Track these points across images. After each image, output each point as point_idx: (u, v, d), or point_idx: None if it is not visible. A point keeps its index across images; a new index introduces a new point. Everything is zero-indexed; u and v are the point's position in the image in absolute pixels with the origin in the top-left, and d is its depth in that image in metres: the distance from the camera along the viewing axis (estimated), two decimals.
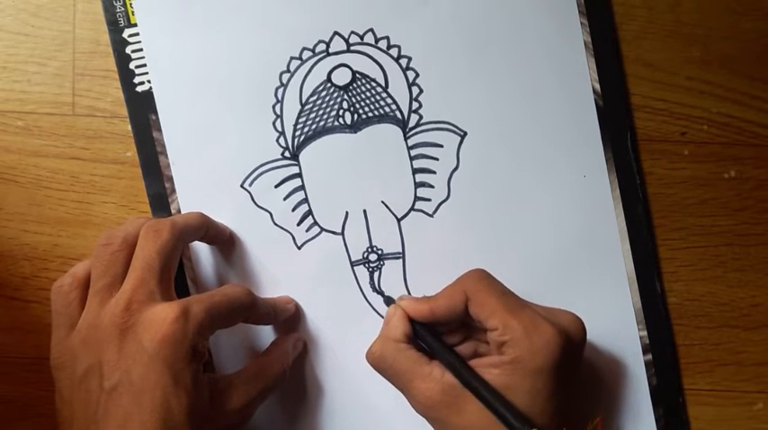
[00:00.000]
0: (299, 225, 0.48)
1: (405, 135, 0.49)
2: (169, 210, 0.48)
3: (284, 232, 0.48)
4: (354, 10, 0.49)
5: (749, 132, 0.50)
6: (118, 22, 0.48)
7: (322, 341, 0.48)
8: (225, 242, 0.48)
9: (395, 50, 0.49)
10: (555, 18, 0.49)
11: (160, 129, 0.48)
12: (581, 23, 0.49)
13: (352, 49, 0.49)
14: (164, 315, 0.39)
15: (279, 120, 0.48)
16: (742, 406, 0.49)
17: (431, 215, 0.49)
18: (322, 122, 0.49)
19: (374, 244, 0.48)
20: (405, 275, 0.48)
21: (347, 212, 0.48)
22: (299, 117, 0.48)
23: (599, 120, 0.49)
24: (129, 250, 0.42)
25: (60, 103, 0.49)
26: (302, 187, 0.48)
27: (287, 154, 0.48)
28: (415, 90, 0.49)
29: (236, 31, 0.48)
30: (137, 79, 0.48)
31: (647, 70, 0.50)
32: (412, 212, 0.49)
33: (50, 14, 0.49)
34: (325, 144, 0.48)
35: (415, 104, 0.49)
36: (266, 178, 0.48)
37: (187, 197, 0.48)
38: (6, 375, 0.48)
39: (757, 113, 0.50)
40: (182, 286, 0.48)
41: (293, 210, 0.48)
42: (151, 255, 0.41)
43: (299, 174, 0.48)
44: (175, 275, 0.43)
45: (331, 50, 0.49)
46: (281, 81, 0.49)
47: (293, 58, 0.49)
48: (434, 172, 0.49)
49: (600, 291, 0.48)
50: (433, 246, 0.48)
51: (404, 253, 0.48)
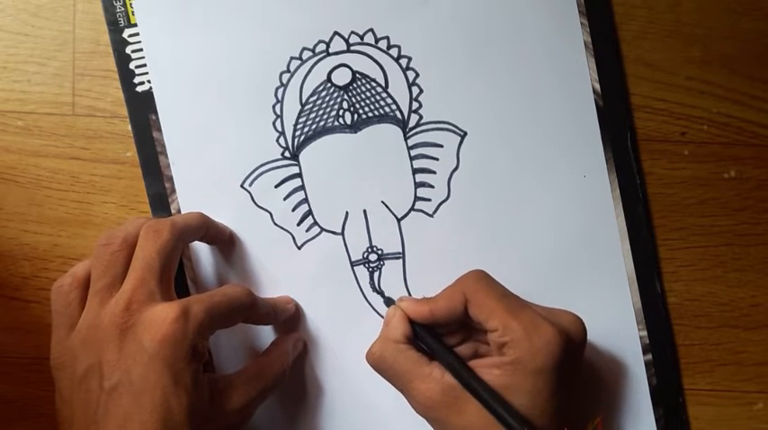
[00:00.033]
0: (299, 225, 0.48)
1: (405, 135, 0.49)
2: (169, 210, 0.48)
3: (284, 232, 0.48)
4: (354, 10, 0.49)
5: (749, 132, 0.50)
6: (118, 22, 0.48)
7: (322, 341, 0.48)
8: (225, 242, 0.48)
9: (395, 50, 0.49)
10: (555, 18, 0.49)
11: (160, 129, 0.48)
12: (581, 23, 0.49)
13: (352, 49, 0.49)
14: (164, 315, 0.39)
15: (279, 120, 0.48)
16: (742, 406, 0.49)
17: (431, 215, 0.49)
18: (322, 122, 0.49)
19: (374, 244, 0.48)
20: (405, 275, 0.48)
21: (347, 212, 0.48)
22: (299, 117, 0.48)
23: (599, 120, 0.49)
24: (129, 250, 0.42)
25: (60, 103, 0.49)
26: (302, 187, 0.48)
27: (287, 154, 0.48)
28: (415, 90, 0.49)
29: (236, 31, 0.48)
30: (137, 79, 0.48)
31: (647, 70, 0.50)
32: (412, 212, 0.49)
33: (50, 14, 0.49)
34: (325, 144, 0.48)
35: (415, 104, 0.49)
36: (266, 178, 0.48)
37: (187, 197, 0.48)
38: (6, 375, 0.48)
39: (757, 113, 0.50)
40: (182, 286, 0.48)
41: (293, 210, 0.48)
42: (151, 255, 0.41)
43: (299, 174, 0.48)
44: (175, 275, 0.43)
45: (331, 50, 0.49)
46: (281, 81, 0.49)
47: (293, 58, 0.49)
48: (434, 172, 0.49)
49: (600, 291, 0.48)
50: (433, 246, 0.48)
51: (404, 253, 0.48)
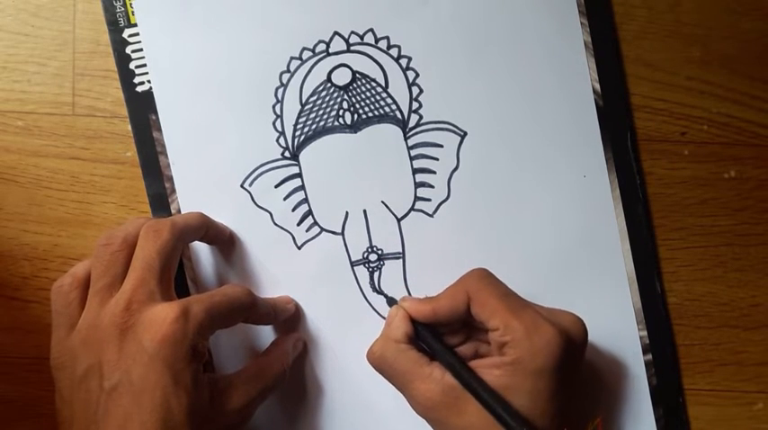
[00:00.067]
0: (299, 225, 0.48)
1: (405, 135, 0.49)
2: (169, 210, 0.48)
3: (284, 232, 0.48)
4: (354, 10, 0.49)
5: (749, 132, 0.50)
6: (118, 22, 0.48)
7: (322, 341, 0.48)
8: (225, 242, 0.48)
9: (395, 50, 0.49)
10: (555, 18, 0.49)
11: (160, 129, 0.48)
12: (581, 23, 0.49)
13: (352, 49, 0.49)
14: (164, 315, 0.39)
15: (279, 120, 0.48)
16: (742, 406, 0.49)
17: (431, 215, 0.49)
18: (322, 122, 0.49)
19: (374, 244, 0.48)
20: (405, 275, 0.48)
21: (347, 212, 0.48)
22: (299, 117, 0.48)
23: (599, 120, 0.49)
24: (129, 250, 0.42)
25: (60, 103, 0.49)
26: (302, 187, 0.48)
27: (287, 154, 0.48)
28: (415, 90, 0.49)
29: (236, 31, 0.48)
30: (137, 79, 0.48)
31: (647, 70, 0.50)
32: (412, 212, 0.49)
33: (50, 14, 0.49)
34: (325, 144, 0.48)
35: (415, 104, 0.49)
36: (266, 178, 0.48)
37: (187, 197, 0.48)
38: (6, 375, 0.48)
39: (757, 113, 0.50)
40: (182, 286, 0.48)
41: (293, 210, 0.48)
42: (151, 255, 0.41)
43: (299, 174, 0.48)
44: (175, 275, 0.43)
45: (331, 50, 0.49)
46: (281, 81, 0.49)
47: (293, 58, 0.49)
48: (434, 172, 0.49)
49: (600, 291, 0.48)
50: (433, 246, 0.48)
51: (404, 253, 0.48)
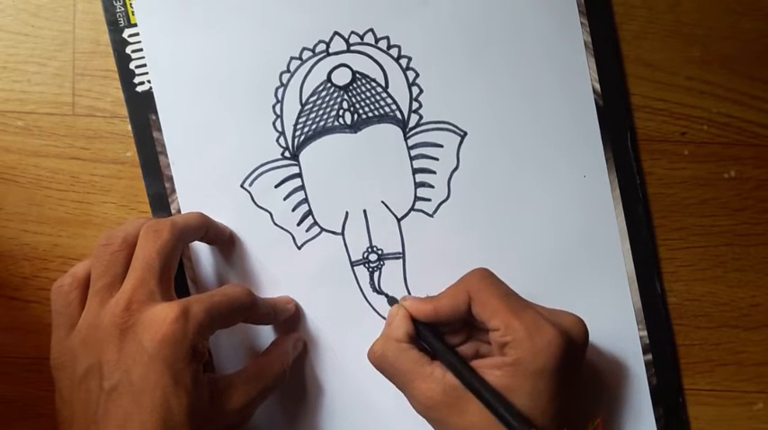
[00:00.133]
0: (299, 225, 0.48)
1: (405, 135, 0.49)
2: (169, 210, 0.48)
3: (284, 232, 0.48)
4: (354, 10, 0.49)
5: (749, 132, 0.50)
6: (118, 22, 0.48)
7: (322, 341, 0.48)
8: (225, 242, 0.48)
9: (395, 50, 0.49)
10: (555, 18, 0.49)
11: (160, 129, 0.48)
12: (581, 23, 0.49)
13: (352, 49, 0.49)
14: (164, 315, 0.39)
15: (279, 120, 0.48)
16: (742, 406, 0.49)
17: (431, 215, 0.49)
18: (322, 122, 0.49)
19: (374, 244, 0.48)
20: (405, 275, 0.48)
21: (347, 212, 0.48)
22: (299, 117, 0.48)
23: (599, 120, 0.49)
24: (129, 250, 0.42)
25: (60, 103, 0.49)
26: (302, 187, 0.48)
27: (287, 154, 0.48)
28: (415, 90, 0.49)
29: (236, 31, 0.48)
30: (137, 79, 0.48)
31: (647, 70, 0.50)
32: (412, 212, 0.49)
33: (50, 14, 0.49)
34: (325, 144, 0.48)
35: (415, 104, 0.49)
36: (266, 178, 0.48)
37: (187, 197, 0.48)
38: (6, 375, 0.48)
39: (757, 113, 0.50)
40: (182, 286, 0.48)
41: (293, 210, 0.48)
42: (151, 255, 0.41)
43: (299, 174, 0.48)
44: (175, 275, 0.43)
45: (331, 50, 0.49)
46: (281, 81, 0.49)
47: (293, 58, 0.49)
48: (434, 172, 0.49)
49: (600, 290, 0.48)
50: (433, 246, 0.48)
51: (404, 253, 0.48)
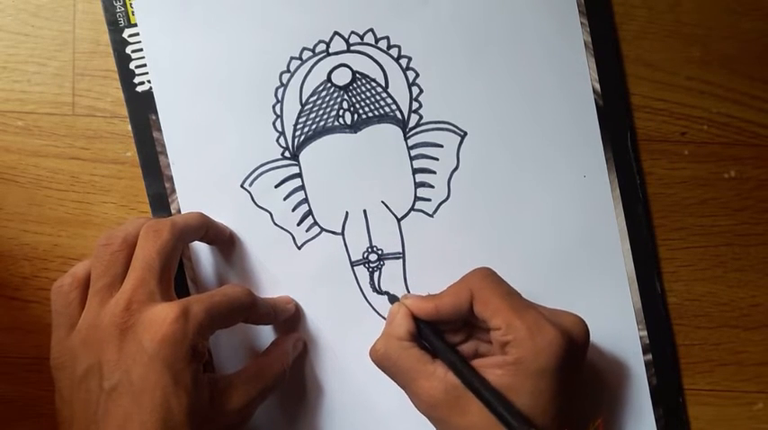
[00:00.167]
0: (299, 225, 0.48)
1: (405, 135, 0.49)
2: (169, 210, 0.48)
3: (284, 232, 0.48)
4: (354, 10, 0.49)
5: (749, 132, 0.50)
6: (118, 22, 0.48)
7: (322, 341, 0.48)
8: (225, 242, 0.48)
9: (395, 50, 0.49)
10: (555, 18, 0.49)
11: (160, 129, 0.48)
12: (581, 23, 0.49)
13: (352, 49, 0.49)
14: (164, 315, 0.39)
15: (279, 120, 0.48)
16: (742, 406, 0.49)
17: (431, 215, 0.49)
18: (322, 122, 0.49)
19: (374, 244, 0.48)
20: (405, 275, 0.48)
21: (347, 212, 0.48)
22: (299, 117, 0.48)
23: (599, 120, 0.49)
24: (129, 250, 0.42)
25: (60, 103, 0.49)
26: (302, 187, 0.48)
27: (287, 154, 0.48)
28: (415, 90, 0.49)
29: (236, 31, 0.48)
30: (137, 79, 0.48)
31: (647, 70, 0.50)
32: (412, 212, 0.49)
33: (50, 14, 0.49)
34: (326, 144, 0.48)
35: (415, 104, 0.49)
36: (266, 178, 0.48)
37: (187, 197, 0.48)
38: (6, 375, 0.48)
39: (757, 113, 0.50)
40: (182, 286, 0.48)
41: (293, 210, 0.48)
42: (151, 255, 0.41)
43: (299, 174, 0.48)
44: (175, 275, 0.43)
45: (331, 50, 0.49)
46: (281, 81, 0.49)
47: (293, 58, 0.49)
48: (434, 172, 0.49)
49: (600, 290, 0.48)
50: (433, 246, 0.48)
51: (404, 253, 0.48)
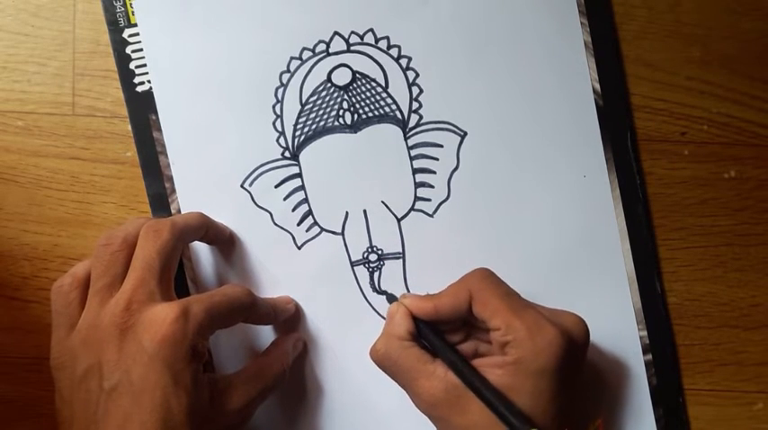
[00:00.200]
0: (299, 225, 0.48)
1: (405, 135, 0.49)
2: (169, 210, 0.48)
3: (284, 232, 0.48)
4: (354, 10, 0.49)
5: (749, 132, 0.50)
6: (118, 22, 0.48)
7: (322, 341, 0.48)
8: (225, 242, 0.48)
9: (395, 50, 0.49)
10: (555, 18, 0.49)
11: (160, 129, 0.48)
12: (581, 23, 0.49)
13: (352, 49, 0.49)
14: (163, 315, 0.39)
15: (279, 120, 0.48)
16: (742, 406, 0.49)
17: (431, 215, 0.49)
18: (322, 122, 0.49)
19: (374, 244, 0.48)
20: (405, 275, 0.48)
21: (347, 212, 0.48)
22: (299, 117, 0.48)
23: (599, 120, 0.49)
24: (129, 250, 0.42)
25: (60, 103, 0.49)
26: (302, 187, 0.48)
27: (287, 154, 0.48)
28: (415, 90, 0.49)
29: (236, 31, 0.48)
30: (137, 79, 0.48)
31: (647, 70, 0.50)
32: (412, 212, 0.49)
33: (50, 14, 0.49)
34: (326, 144, 0.48)
35: (415, 104, 0.49)
36: (266, 178, 0.48)
37: (187, 197, 0.48)
38: (6, 375, 0.48)
39: (757, 113, 0.50)
40: (182, 286, 0.48)
41: (293, 210, 0.48)
42: (151, 255, 0.41)
43: (299, 174, 0.48)
44: (175, 275, 0.43)
45: (331, 50, 0.49)
46: (281, 81, 0.49)
47: (293, 58, 0.49)
48: (434, 172, 0.49)
49: (600, 290, 0.48)
50: (433, 246, 0.48)
51: (404, 253, 0.48)
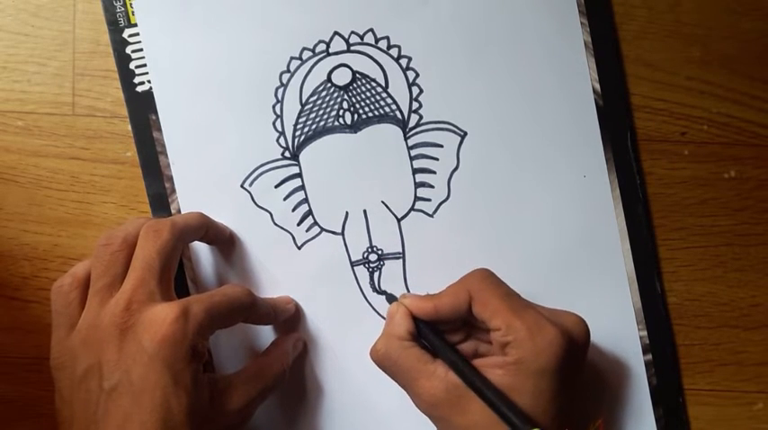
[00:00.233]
0: (299, 225, 0.48)
1: (405, 135, 0.49)
2: (169, 210, 0.48)
3: (284, 232, 0.48)
4: (354, 10, 0.49)
5: (749, 132, 0.50)
6: (118, 22, 0.48)
7: (322, 341, 0.48)
8: (225, 242, 0.48)
9: (395, 50, 0.49)
10: (555, 18, 0.49)
11: (160, 129, 0.48)
12: (581, 23, 0.49)
13: (352, 49, 0.49)
14: (163, 315, 0.39)
15: (279, 120, 0.48)
16: (742, 406, 0.49)
17: (431, 215, 0.49)
18: (322, 122, 0.49)
19: (374, 244, 0.48)
20: (405, 275, 0.48)
21: (347, 212, 0.48)
22: (299, 117, 0.48)
23: (599, 120, 0.49)
24: (129, 250, 0.42)
25: (60, 103, 0.49)
26: (302, 187, 0.48)
27: (287, 154, 0.48)
28: (415, 90, 0.49)
29: (236, 31, 0.48)
30: (137, 79, 0.48)
31: (647, 70, 0.50)
32: (412, 212, 0.49)
33: (50, 14, 0.49)
34: (326, 144, 0.48)
35: (415, 104, 0.49)
36: (266, 178, 0.48)
37: (187, 197, 0.48)
38: (6, 375, 0.48)
39: (757, 113, 0.50)
40: (182, 286, 0.48)
41: (293, 210, 0.48)
42: (151, 255, 0.41)
43: (299, 174, 0.48)
44: (175, 275, 0.43)
45: (331, 50, 0.49)
46: (281, 81, 0.49)
47: (293, 58, 0.49)
48: (434, 172, 0.49)
49: (600, 290, 0.48)
50: (433, 246, 0.48)
51: (404, 253, 0.48)
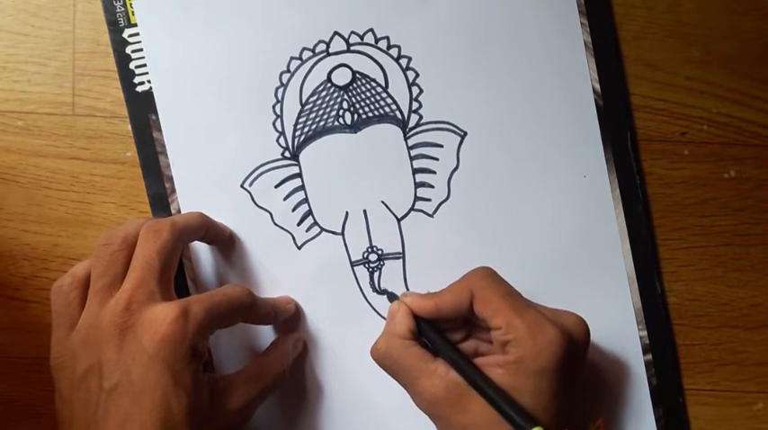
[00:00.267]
0: (299, 225, 0.48)
1: (405, 135, 0.49)
2: (169, 210, 0.48)
3: (284, 232, 0.48)
4: (354, 10, 0.49)
5: (749, 132, 0.50)
6: (118, 22, 0.48)
7: (322, 341, 0.48)
8: (225, 242, 0.48)
9: (395, 50, 0.49)
10: (555, 18, 0.49)
11: (160, 129, 0.48)
12: (581, 23, 0.49)
13: (352, 49, 0.49)
14: (163, 315, 0.39)
15: (279, 120, 0.48)
16: (742, 406, 0.49)
17: (431, 215, 0.49)
18: (322, 122, 0.49)
19: (374, 244, 0.48)
20: (405, 275, 0.48)
21: (347, 212, 0.48)
22: (299, 117, 0.48)
23: (599, 120, 0.49)
24: (129, 250, 0.42)
25: (60, 103, 0.49)
26: (302, 187, 0.48)
27: (287, 154, 0.48)
28: (415, 90, 0.49)
29: (236, 31, 0.48)
30: (137, 79, 0.48)
31: (647, 70, 0.50)
32: (412, 212, 0.49)
33: (50, 14, 0.49)
34: (326, 144, 0.48)
35: (415, 104, 0.49)
36: (266, 178, 0.48)
37: (187, 197, 0.48)
38: (6, 375, 0.48)
39: (757, 113, 0.50)
40: (182, 286, 0.48)
41: (293, 210, 0.48)
42: (151, 254, 0.41)
43: (299, 174, 0.48)
44: (175, 275, 0.43)
45: (331, 50, 0.49)
46: (281, 81, 0.49)
47: (293, 58, 0.49)
48: (434, 172, 0.49)
49: (600, 290, 0.48)
50: (433, 246, 0.48)
51: (404, 253, 0.48)
